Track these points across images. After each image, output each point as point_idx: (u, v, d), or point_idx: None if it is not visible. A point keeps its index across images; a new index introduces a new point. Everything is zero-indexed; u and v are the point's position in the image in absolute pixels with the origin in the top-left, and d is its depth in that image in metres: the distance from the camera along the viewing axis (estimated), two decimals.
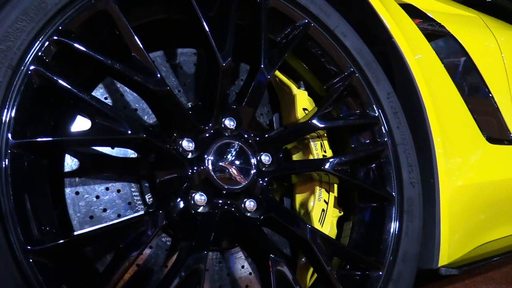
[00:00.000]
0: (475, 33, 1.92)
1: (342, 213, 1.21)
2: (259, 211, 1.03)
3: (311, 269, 1.13)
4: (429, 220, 1.31)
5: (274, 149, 1.10)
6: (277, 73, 1.24)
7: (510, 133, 1.81)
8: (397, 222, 1.13)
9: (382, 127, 1.19)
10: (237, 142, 1.03)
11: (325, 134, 1.22)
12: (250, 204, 1.02)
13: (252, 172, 1.03)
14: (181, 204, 0.95)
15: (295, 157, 1.22)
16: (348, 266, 1.10)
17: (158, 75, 0.92)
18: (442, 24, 1.75)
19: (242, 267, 1.12)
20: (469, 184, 1.49)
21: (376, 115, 1.20)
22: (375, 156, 1.18)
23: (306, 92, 1.22)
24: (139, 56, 0.91)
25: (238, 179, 1.01)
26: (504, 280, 1.98)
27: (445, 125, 1.41)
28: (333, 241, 1.04)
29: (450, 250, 1.39)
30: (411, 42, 1.43)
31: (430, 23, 1.72)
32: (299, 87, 1.23)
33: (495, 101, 1.79)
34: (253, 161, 1.04)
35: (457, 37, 1.75)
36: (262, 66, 1.06)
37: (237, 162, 1.02)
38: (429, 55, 1.54)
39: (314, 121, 1.11)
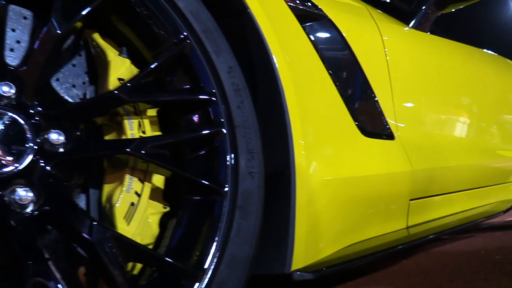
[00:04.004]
0: (357, 22, 1.83)
1: (167, 208, 0.99)
2: (36, 204, 0.78)
3: None
4: (282, 218, 1.14)
5: (70, 126, 0.86)
6: (96, 36, 1.01)
7: (389, 128, 1.73)
8: (226, 220, 0.93)
9: (219, 106, 1.00)
10: (9, 114, 0.78)
11: (147, 112, 0.99)
12: (23, 194, 0.77)
13: (29, 153, 0.79)
14: None
15: (108, 137, 0.98)
16: (156, 275, 0.88)
17: None
18: (319, 7, 1.63)
19: None
20: (336, 178, 1.35)
21: (213, 91, 1.00)
22: (206, 140, 0.98)
23: (127, 60, 0.99)
24: None
25: (4, 162, 0.76)
26: (385, 280, 1.92)
27: (308, 110, 1.26)
28: (132, 244, 0.82)
29: (307, 252, 1.23)
30: (274, 18, 1.27)
31: (305, 3, 1.59)
32: (120, 54, 1.00)
33: (374, 95, 1.69)
34: (33, 139, 0.80)
35: (335, 23, 1.63)
36: (52, 18, 0.83)
37: (7, 140, 0.77)
38: (297, 36, 1.39)
39: (121, 93, 0.88)
